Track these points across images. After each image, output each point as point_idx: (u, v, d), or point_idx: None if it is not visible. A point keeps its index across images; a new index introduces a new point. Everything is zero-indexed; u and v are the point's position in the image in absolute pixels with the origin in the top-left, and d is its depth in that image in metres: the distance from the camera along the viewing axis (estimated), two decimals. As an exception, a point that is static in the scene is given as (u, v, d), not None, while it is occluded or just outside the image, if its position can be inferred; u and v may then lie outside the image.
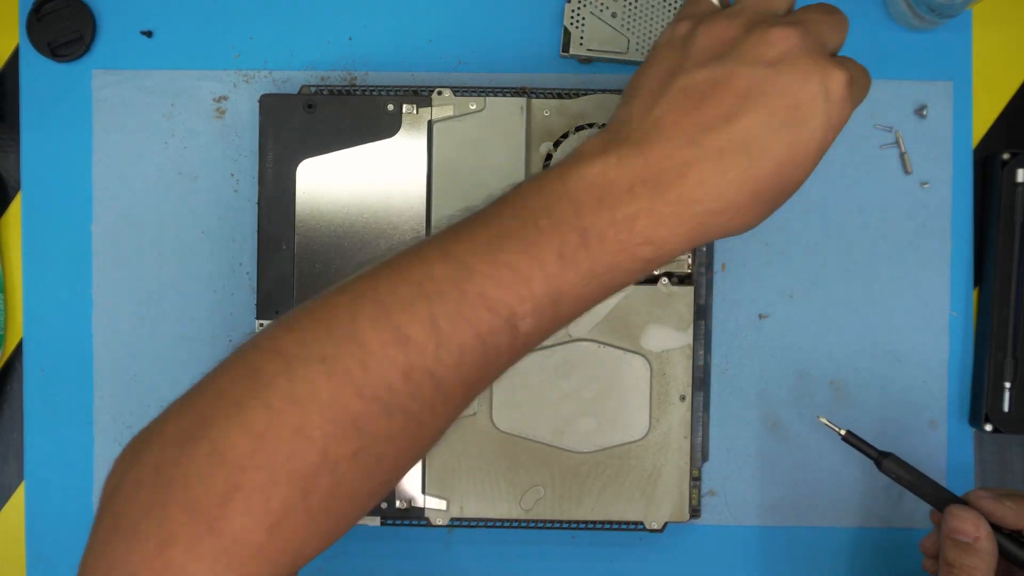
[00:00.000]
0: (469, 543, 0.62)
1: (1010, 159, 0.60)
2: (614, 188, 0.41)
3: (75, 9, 0.61)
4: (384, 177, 0.58)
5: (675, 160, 0.41)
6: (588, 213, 0.40)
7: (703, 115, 0.41)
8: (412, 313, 0.39)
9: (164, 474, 0.38)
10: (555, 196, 0.41)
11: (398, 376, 0.38)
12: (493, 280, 0.40)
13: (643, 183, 0.41)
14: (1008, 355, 0.60)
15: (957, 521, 0.50)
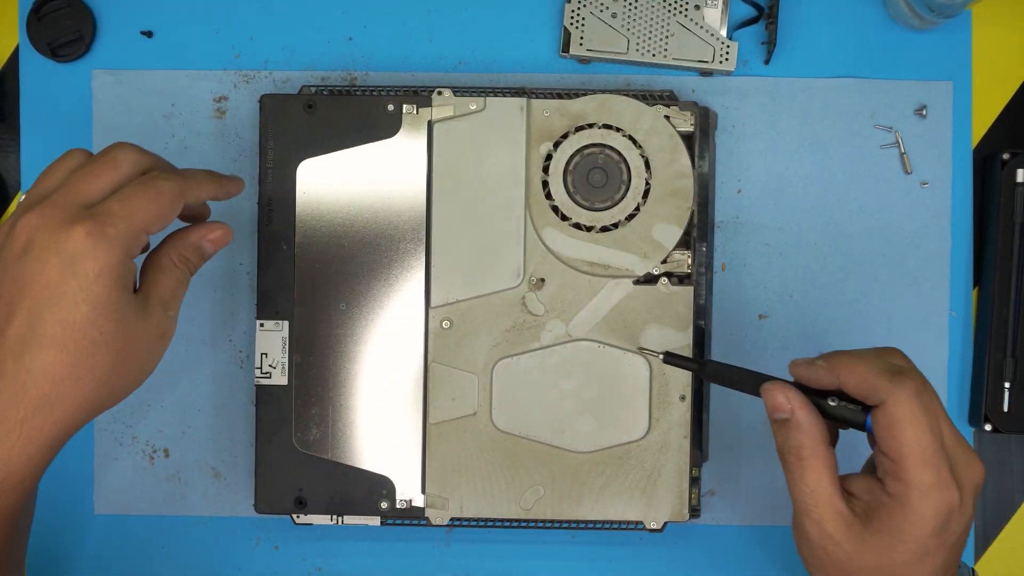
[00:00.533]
0: (469, 543, 0.62)
1: (1010, 159, 0.60)
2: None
3: (75, 9, 0.61)
4: (384, 177, 0.58)
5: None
6: None
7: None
8: None
9: None
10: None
11: None
12: None
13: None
14: (1008, 355, 0.60)
15: (769, 396, 0.48)
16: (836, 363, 0.47)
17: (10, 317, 0.44)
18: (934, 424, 0.45)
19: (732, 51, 0.60)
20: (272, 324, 0.58)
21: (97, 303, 0.44)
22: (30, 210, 0.45)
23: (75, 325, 0.44)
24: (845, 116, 0.62)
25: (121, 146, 0.48)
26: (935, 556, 0.45)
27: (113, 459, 0.62)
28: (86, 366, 0.45)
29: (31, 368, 0.44)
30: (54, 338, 0.44)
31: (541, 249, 0.58)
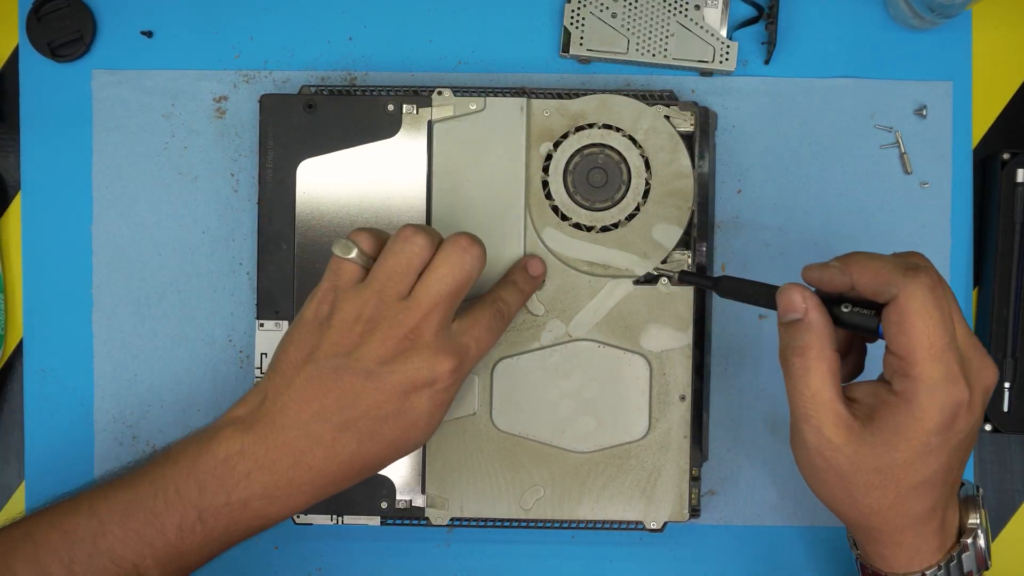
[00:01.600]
0: (469, 543, 0.62)
1: (1010, 159, 0.60)
2: (234, 473, 0.48)
3: (75, 9, 0.61)
4: (384, 177, 0.58)
5: (291, 449, 0.48)
6: (208, 493, 0.48)
7: (323, 406, 0.48)
8: (56, 556, 0.47)
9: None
10: (185, 472, 0.48)
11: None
12: (121, 542, 0.47)
13: (260, 469, 0.48)
14: (1008, 355, 0.60)
15: (785, 296, 0.48)
16: (850, 262, 0.47)
17: (352, 405, 0.48)
18: (946, 320, 0.44)
19: (732, 51, 0.60)
20: (272, 324, 0.58)
21: (432, 422, 0.50)
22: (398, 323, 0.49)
23: (406, 434, 0.50)
24: (845, 116, 0.62)
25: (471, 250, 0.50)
26: (937, 455, 0.45)
27: (113, 459, 0.62)
28: (395, 459, 0.51)
29: (355, 453, 0.49)
30: (385, 438, 0.49)
31: (541, 249, 0.58)
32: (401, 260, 0.49)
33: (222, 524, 0.48)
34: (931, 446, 0.45)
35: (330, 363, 0.49)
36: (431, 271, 0.49)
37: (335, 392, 0.48)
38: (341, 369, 0.48)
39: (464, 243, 0.50)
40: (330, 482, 0.49)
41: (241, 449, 0.48)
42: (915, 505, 0.47)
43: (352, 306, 0.49)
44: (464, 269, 0.49)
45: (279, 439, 0.48)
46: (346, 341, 0.49)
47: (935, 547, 0.48)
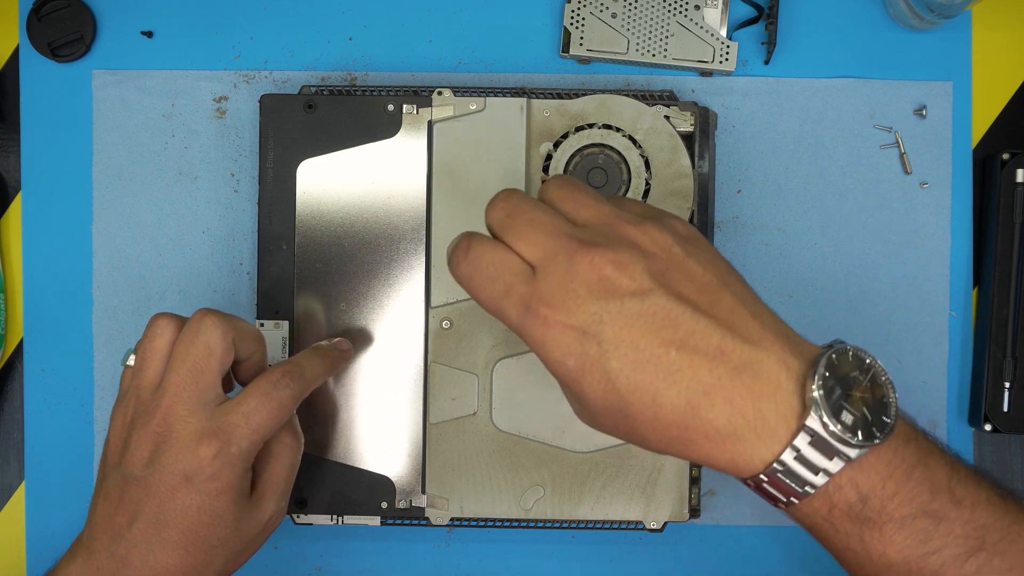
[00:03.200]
0: (469, 543, 0.62)
1: (1009, 159, 0.60)
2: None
3: (75, 9, 0.61)
4: (384, 177, 0.58)
5: (106, 571, 0.48)
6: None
7: (115, 522, 0.48)
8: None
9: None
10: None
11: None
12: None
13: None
14: (1007, 355, 0.60)
15: None
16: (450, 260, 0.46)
17: (136, 517, 0.48)
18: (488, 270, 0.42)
19: (732, 51, 0.60)
20: (272, 324, 0.58)
21: (216, 516, 0.48)
22: (146, 424, 0.48)
23: (196, 535, 0.48)
24: (845, 116, 0.62)
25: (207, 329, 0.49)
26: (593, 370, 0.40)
27: (113, 459, 0.62)
28: (204, 564, 0.49)
29: (155, 566, 0.48)
30: (176, 543, 0.48)
31: (541, 249, 0.58)
32: (147, 350, 0.50)
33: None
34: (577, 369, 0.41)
35: (112, 477, 0.49)
36: (171, 355, 0.49)
37: (121, 506, 0.48)
38: (121, 481, 0.48)
39: (198, 317, 0.49)
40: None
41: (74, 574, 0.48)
42: (659, 413, 0.40)
43: (118, 412, 0.50)
44: (200, 341, 0.49)
45: (94, 563, 0.48)
46: (117, 450, 0.49)
47: (755, 442, 0.40)
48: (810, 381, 0.40)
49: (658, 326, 0.40)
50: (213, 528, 0.48)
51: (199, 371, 0.48)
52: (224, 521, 0.48)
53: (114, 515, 0.48)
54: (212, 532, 0.48)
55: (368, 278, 0.58)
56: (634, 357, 0.40)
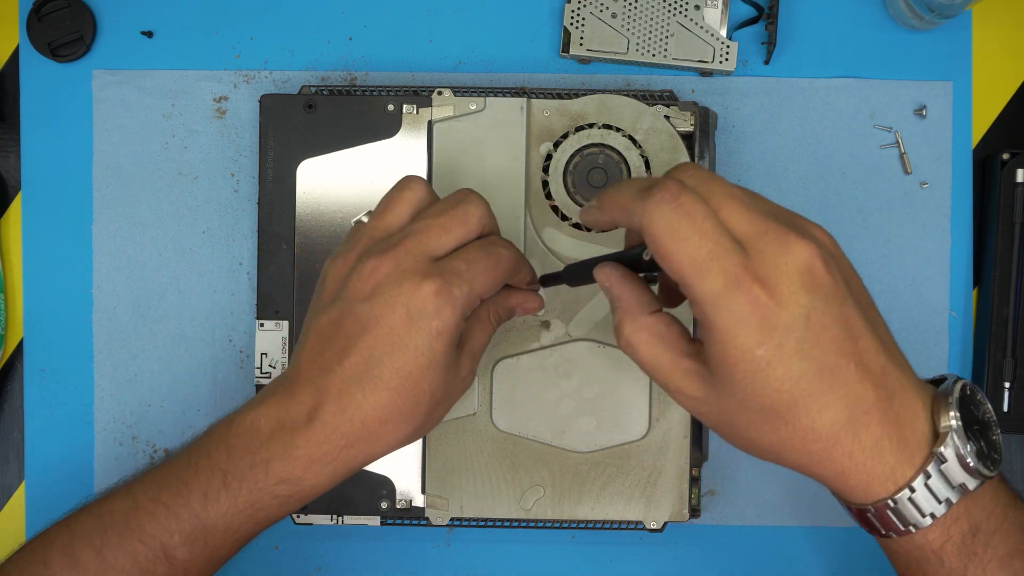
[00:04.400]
0: (469, 543, 0.62)
1: (1009, 159, 0.60)
2: (259, 434, 0.46)
3: (75, 9, 0.61)
4: (384, 177, 0.58)
5: (305, 406, 0.46)
6: (236, 456, 0.46)
7: (325, 359, 0.46)
8: (88, 542, 0.47)
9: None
10: (218, 439, 0.47)
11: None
12: (150, 516, 0.47)
13: (281, 428, 0.46)
14: (1008, 355, 0.60)
15: (597, 279, 0.45)
16: (603, 198, 0.44)
17: (348, 351, 0.46)
18: (703, 225, 0.39)
19: (732, 51, 0.60)
20: (272, 324, 0.58)
21: (433, 359, 0.46)
22: (381, 254, 0.46)
23: (410, 376, 0.46)
24: (845, 116, 0.62)
25: (472, 199, 0.48)
26: (782, 365, 0.39)
27: (113, 459, 0.62)
28: (409, 412, 0.46)
29: (363, 404, 0.46)
30: (388, 383, 0.45)
31: (541, 249, 0.58)
32: (395, 199, 0.49)
33: (246, 489, 0.46)
34: (762, 360, 0.39)
35: (326, 313, 0.47)
36: (425, 209, 0.48)
37: (334, 340, 0.46)
38: (338, 314, 0.46)
39: (465, 191, 0.49)
40: (347, 442, 0.46)
41: (266, 408, 0.46)
42: (815, 424, 0.40)
43: (340, 256, 0.48)
44: (461, 207, 0.47)
45: (295, 397, 0.46)
46: (335, 286, 0.47)
47: (894, 464, 0.41)
48: (946, 409, 0.41)
49: (845, 335, 0.40)
50: (427, 371, 0.46)
51: (446, 229, 0.47)
52: (438, 365, 0.46)
53: (324, 351, 0.46)
54: (425, 376, 0.46)
55: (368, 278, 0.58)
56: (821, 362, 0.39)
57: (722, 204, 0.40)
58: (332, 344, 0.46)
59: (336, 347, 0.46)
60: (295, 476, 0.46)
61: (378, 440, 0.46)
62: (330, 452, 0.46)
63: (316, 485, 0.47)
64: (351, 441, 0.46)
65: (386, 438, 0.47)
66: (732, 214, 0.40)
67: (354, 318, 0.46)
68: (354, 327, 0.46)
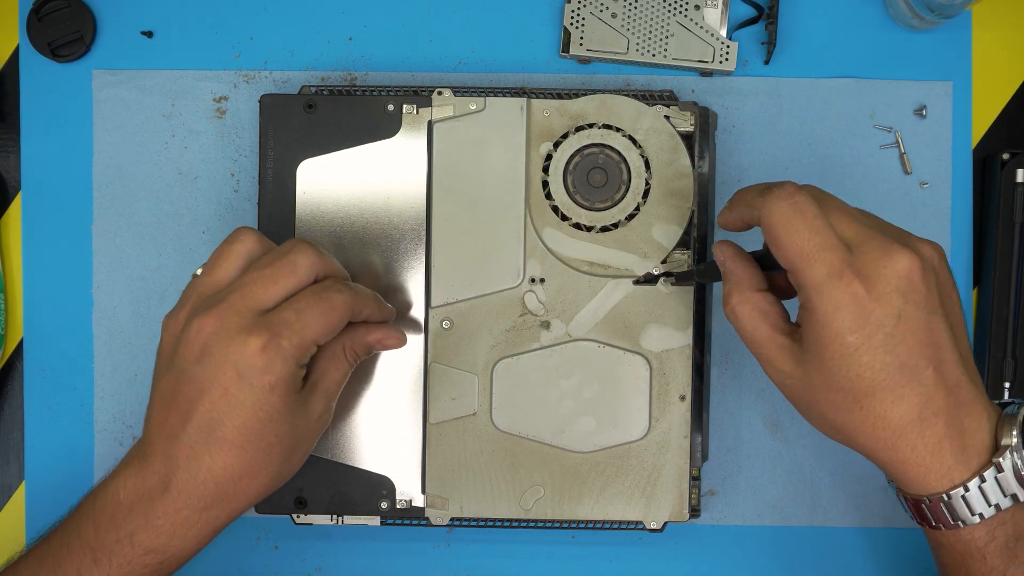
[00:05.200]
0: (469, 543, 0.62)
1: (1009, 159, 0.60)
2: (120, 507, 0.47)
3: (75, 9, 0.61)
4: (384, 177, 0.58)
5: (158, 475, 0.47)
6: (102, 532, 0.47)
7: (170, 424, 0.47)
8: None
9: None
10: (86, 514, 0.48)
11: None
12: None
13: (140, 499, 0.47)
14: (1007, 355, 0.60)
15: (714, 253, 0.50)
16: (733, 199, 0.50)
17: (189, 415, 0.47)
18: (813, 222, 0.45)
19: (732, 51, 0.60)
20: (272, 324, 0.58)
21: (272, 412, 0.47)
22: (206, 312, 0.47)
23: (252, 432, 0.47)
24: (845, 116, 0.62)
25: (300, 248, 0.49)
26: (868, 354, 0.44)
27: (113, 459, 0.62)
28: (262, 464, 0.48)
29: (212, 467, 0.47)
30: (233, 442, 0.47)
31: (541, 249, 0.58)
32: (224, 253, 0.50)
33: (116, 564, 0.47)
34: (851, 345, 0.44)
35: (165, 378, 0.48)
36: (252, 262, 0.50)
37: (174, 406, 0.47)
38: (174, 380, 0.48)
39: (292, 242, 0.50)
40: (205, 505, 0.47)
41: (124, 480, 0.48)
42: (886, 413, 0.45)
43: (173, 316, 0.50)
44: (288, 258, 0.49)
45: (149, 466, 0.48)
46: (169, 350, 0.49)
47: (952, 465, 0.46)
48: (1010, 428, 0.46)
49: (929, 342, 0.45)
50: (269, 424, 0.47)
51: (273, 280, 0.48)
52: (279, 417, 0.47)
53: (167, 417, 0.47)
54: (268, 429, 0.47)
55: (368, 278, 0.58)
56: (903, 360, 0.45)
57: (833, 211, 0.46)
58: (174, 408, 0.47)
59: (178, 412, 0.47)
60: (160, 544, 0.47)
61: (236, 498, 0.48)
62: (190, 517, 0.47)
63: (184, 549, 0.48)
64: (209, 504, 0.47)
65: (244, 494, 0.48)
66: (841, 221, 0.46)
67: (188, 382, 0.47)
68: (190, 391, 0.47)
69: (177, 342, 0.48)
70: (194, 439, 0.47)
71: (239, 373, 0.46)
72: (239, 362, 0.46)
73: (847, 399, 0.46)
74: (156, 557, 0.48)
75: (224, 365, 0.46)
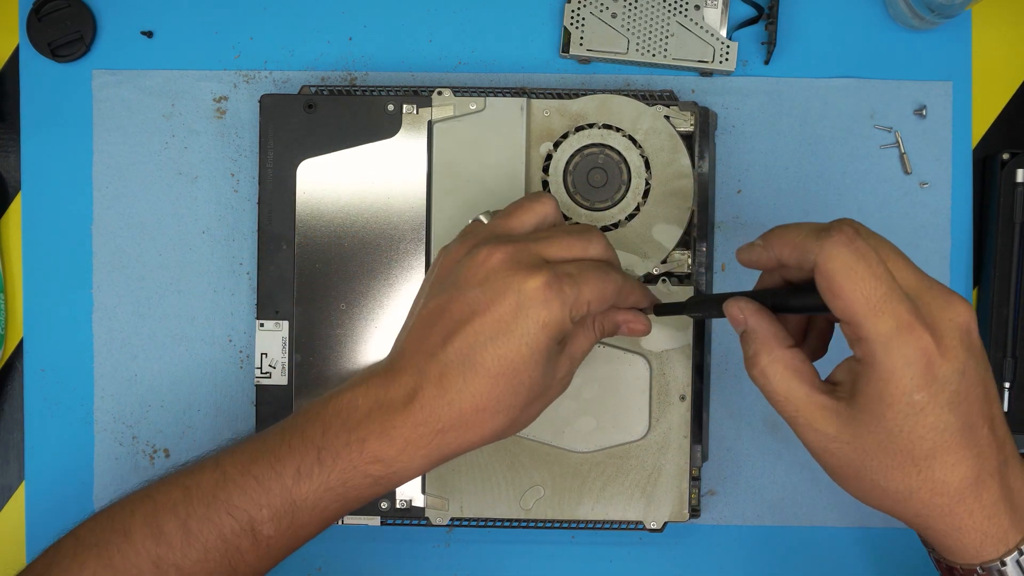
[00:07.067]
0: (469, 543, 0.62)
1: (1009, 159, 0.60)
2: (356, 412, 0.46)
3: (75, 9, 0.61)
4: (384, 177, 0.58)
5: (406, 387, 0.46)
6: (331, 434, 0.46)
7: (429, 342, 0.46)
8: (173, 514, 0.47)
9: None
10: (312, 417, 0.47)
11: (148, 566, 0.46)
12: (240, 489, 0.46)
13: (378, 408, 0.46)
14: (1007, 355, 0.60)
15: (728, 313, 0.46)
16: (770, 237, 0.46)
17: (453, 335, 0.46)
18: (876, 270, 0.41)
19: (732, 51, 0.60)
20: (272, 324, 0.58)
21: (536, 350, 0.46)
22: (497, 244, 0.47)
23: (512, 364, 0.46)
24: (845, 116, 0.62)
25: (597, 234, 0.50)
26: (933, 414, 0.41)
27: (113, 459, 0.62)
28: (507, 402, 0.46)
29: (462, 389, 0.46)
30: (490, 369, 0.46)
31: (541, 249, 0.58)
32: (526, 208, 0.50)
33: (339, 467, 0.46)
34: (918, 404, 0.41)
35: (435, 297, 0.47)
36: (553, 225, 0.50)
37: (439, 324, 0.47)
38: (447, 299, 0.47)
39: (590, 227, 0.51)
40: (443, 427, 0.46)
41: (366, 389, 0.47)
42: (947, 477, 0.43)
43: (453, 246, 0.50)
44: (591, 234, 0.49)
45: (396, 379, 0.46)
46: (447, 271, 0.48)
47: (1007, 528, 0.43)
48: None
49: (985, 398, 0.43)
50: (528, 362, 0.46)
51: (567, 246, 0.48)
52: (540, 358, 0.46)
53: (429, 335, 0.47)
54: (526, 367, 0.46)
55: (368, 278, 0.58)
56: (966, 419, 0.42)
57: (890, 257, 0.43)
58: (437, 328, 0.46)
59: (441, 331, 0.46)
60: (389, 456, 0.46)
61: (473, 429, 0.47)
62: (425, 435, 0.46)
63: (408, 467, 0.47)
64: (447, 426, 0.46)
65: (481, 427, 0.47)
66: (899, 268, 0.43)
67: (463, 303, 0.46)
68: (462, 311, 0.46)
69: (458, 266, 0.47)
70: (452, 358, 0.46)
71: (519, 303, 0.45)
72: (521, 292, 0.45)
73: (905, 462, 0.43)
74: (380, 468, 0.46)
75: (506, 292, 0.45)
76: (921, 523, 0.45)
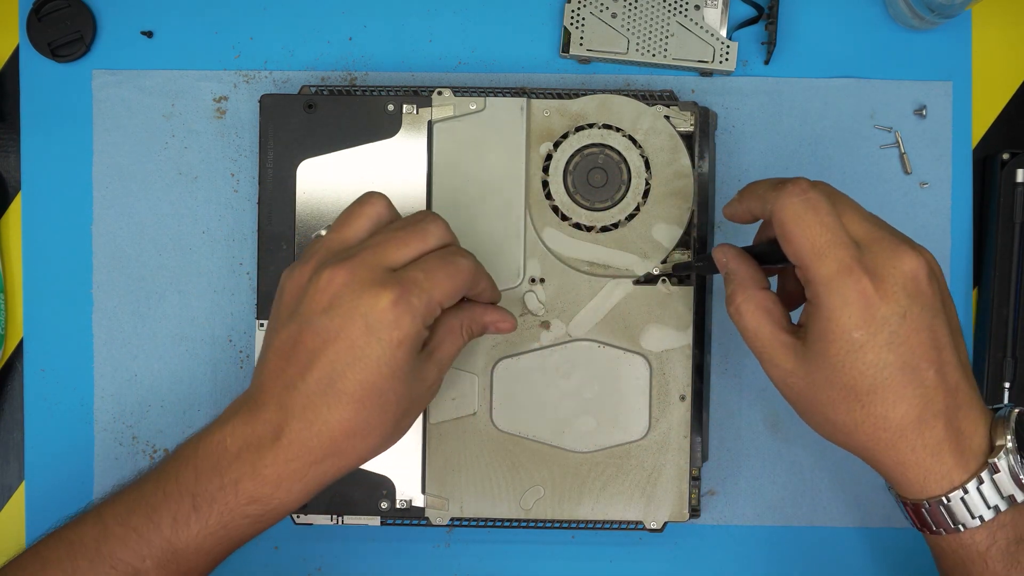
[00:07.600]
0: (469, 543, 0.62)
1: (1009, 159, 0.60)
2: (226, 454, 0.46)
3: (75, 9, 0.61)
4: (384, 177, 0.58)
5: (271, 423, 0.46)
6: (204, 478, 0.46)
7: (287, 374, 0.46)
8: (59, 568, 0.47)
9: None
10: (184, 461, 0.47)
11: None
12: (121, 542, 0.47)
13: (247, 448, 0.46)
14: (1007, 355, 0.60)
15: (714, 255, 0.51)
16: (743, 192, 0.50)
17: (310, 366, 0.46)
18: (825, 219, 0.45)
19: (732, 51, 0.60)
20: (272, 324, 0.58)
21: (395, 368, 0.46)
22: (337, 264, 0.47)
23: (374, 387, 0.46)
24: (845, 116, 0.62)
25: (432, 218, 0.50)
26: (872, 351, 0.45)
27: (113, 459, 0.62)
28: (377, 422, 0.47)
29: (328, 419, 0.46)
30: (352, 395, 0.46)
31: (541, 249, 0.58)
32: (356, 213, 0.50)
33: (216, 512, 0.46)
34: (857, 342, 0.45)
35: (286, 328, 0.47)
36: (384, 225, 0.50)
37: (294, 356, 0.46)
38: (296, 330, 0.47)
39: (424, 212, 0.51)
40: (316, 458, 0.46)
41: (232, 428, 0.47)
42: (887, 413, 0.46)
43: (296, 270, 0.49)
44: (420, 226, 0.49)
45: (260, 415, 0.46)
46: (292, 300, 0.48)
47: (951, 467, 0.46)
48: (1004, 430, 0.46)
49: (932, 345, 0.45)
50: (390, 382, 0.46)
51: (404, 243, 0.48)
52: (402, 375, 0.46)
53: (285, 367, 0.46)
54: (389, 386, 0.46)
55: (368, 278, 0.58)
56: (906, 360, 0.45)
57: (844, 209, 0.46)
58: (293, 359, 0.46)
59: (298, 362, 0.46)
60: (265, 495, 0.46)
61: (347, 453, 0.47)
62: (299, 469, 0.46)
63: (287, 502, 0.47)
64: (320, 456, 0.46)
65: (355, 451, 0.47)
66: (852, 220, 0.46)
67: (313, 332, 0.46)
68: (314, 341, 0.46)
69: (303, 293, 0.47)
70: (313, 390, 0.46)
71: (368, 326, 0.45)
72: (369, 315, 0.45)
73: (849, 396, 0.46)
74: (258, 508, 0.47)
75: (353, 317, 0.45)
76: (869, 456, 0.48)
